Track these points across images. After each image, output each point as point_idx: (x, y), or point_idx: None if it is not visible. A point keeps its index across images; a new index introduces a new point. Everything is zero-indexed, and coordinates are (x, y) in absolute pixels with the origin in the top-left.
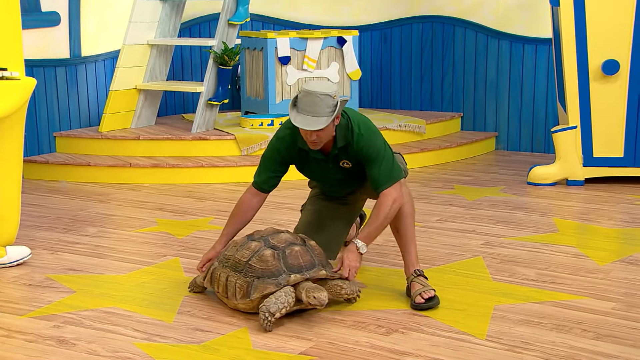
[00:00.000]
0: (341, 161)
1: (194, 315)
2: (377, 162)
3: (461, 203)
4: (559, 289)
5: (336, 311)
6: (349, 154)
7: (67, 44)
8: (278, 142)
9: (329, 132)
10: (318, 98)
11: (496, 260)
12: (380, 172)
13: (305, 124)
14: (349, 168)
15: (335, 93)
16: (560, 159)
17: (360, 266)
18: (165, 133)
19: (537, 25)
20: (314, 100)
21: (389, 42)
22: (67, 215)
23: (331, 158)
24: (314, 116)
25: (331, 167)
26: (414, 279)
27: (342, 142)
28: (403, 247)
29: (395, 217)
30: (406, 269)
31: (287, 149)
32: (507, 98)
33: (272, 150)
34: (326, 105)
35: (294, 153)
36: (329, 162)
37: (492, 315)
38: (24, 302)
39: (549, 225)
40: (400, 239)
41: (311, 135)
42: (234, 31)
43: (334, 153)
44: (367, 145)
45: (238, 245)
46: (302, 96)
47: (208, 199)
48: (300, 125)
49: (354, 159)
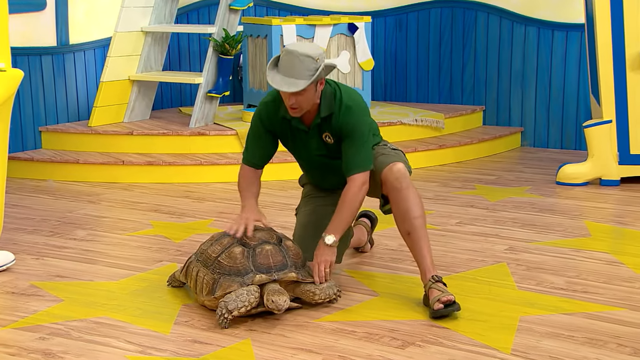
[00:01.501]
0: (324, 134)
1: (192, 325)
2: (356, 143)
3: (483, 204)
4: (592, 299)
5: (346, 321)
6: (332, 126)
7: (53, 30)
8: (261, 107)
9: (310, 98)
10: (298, 59)
11: (521, 267)
12: (357, 155)
13: (281, 84)
14: (331, 144)
15: (319, 56)
16: (593, 157)
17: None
18: (160, 128)
19: (568, 10)
20: (294, 61)
21: (405, 28)
22: (54, 217)
23: (313, 129)
24: (292, 78)
25: (313, 141)
26: (432, 286)
27: (325, 112)
28: (416, 252)
29: (404, 219)
30: (422, 275)
31: (269, 117)
32: (534, 90)
33: (256, 118)
34: (306, 68)
35: (276, 121)
36: (310, 134)
37: (518, 327)
38: (6, 312)
39: (579, 229)
40: (412, 243)
41: (289, 98)
42: (236, 17)
43: (316, 122)
44: (352, 121)
45: (213, 240)
46: (282, 56)
47: (207, 200)
48: (276, 85)
49: (336, 133)
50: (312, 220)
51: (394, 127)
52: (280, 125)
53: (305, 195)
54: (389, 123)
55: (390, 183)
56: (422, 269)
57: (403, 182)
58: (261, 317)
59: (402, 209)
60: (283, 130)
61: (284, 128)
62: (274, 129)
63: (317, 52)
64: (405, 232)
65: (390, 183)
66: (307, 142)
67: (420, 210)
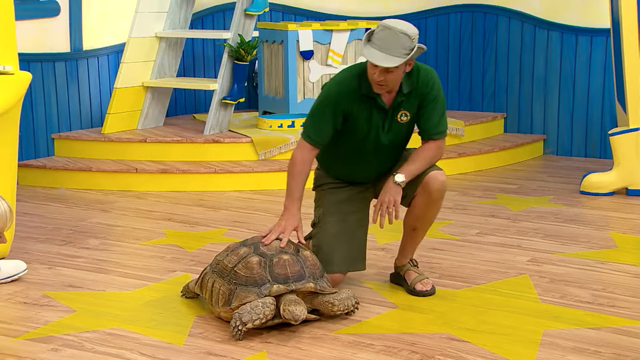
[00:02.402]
0: (400, 112)
1: (207, 337)
2: (439, 108)
3: (504, 214)
4: (618, 313)
5: (364, 334)
6: (411, 99)
7: (67, 36)
8: (338, 86)
9: (399, 76)
10: (396, 36)
11: (545, 280)
12: (442, 120)
13: (377, 59)
14: (403, 124)
15: (415, 35)
16: (619, 166)
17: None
18: (174, 135)
19: (593, 14)
20: (392, 37)
21: (424, 34)
22: (66, 226)
23: (393, 107)
24: (387, 53)
25: (387, 121)
26: (410, 268)
27: (407, 88)
28: (409, 241)
29: (421, 220)
30: (401, 257)
31: (348, 95)
32: (557, 96)
33: (328, 95)
34: (402, 46)
35: (354, 99)
36: (389, 113)
37: (541, 342)
38: (18, 323)
39: (605, 241)
40: (411, 235)
41: (380, 75)
42: (251, 22)
43: (398, 101)
44: (436, 86)
45: (229, 250)
46: (378, 30)
47: (222, 209)
48: (372, 59)
49: (416, 103)
50: (344, 228)
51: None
52: (359, 104)
53: (326, 202)
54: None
55: (430, 190)
56: (404, 254)
57: (442, 193)
58: (277, 329)
59: (425, 214)
60: (360, 109)
61: (362, 107)
62: (349, 108)
63: (413, 31)
64: (412, 227)
65: (431, 191)
66: (383, 122)
67: (435, 218)
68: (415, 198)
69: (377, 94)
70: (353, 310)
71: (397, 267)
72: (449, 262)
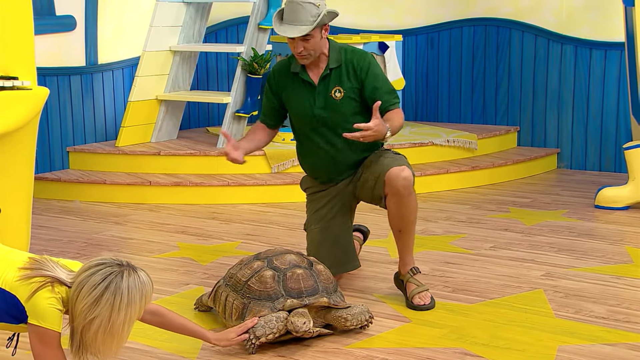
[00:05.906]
0: (334, 89)
1: (220, 351)
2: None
3: (518, 228)
4: (635, 330)
5: (378, 348)
6: (342, 75)
7: (82, 50)
8: (274, 68)
9: (317, 43)
10: (300, 6)
11: (559, 295)
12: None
13: (286, 30)
14: (338, 101)
15: (320, 2)
16: (635, 180)
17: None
18: (188, 148)
19: (607, 28)
20: (297, 8)
21: (437, 47)
22: (81, 239)
23: (322, 81)
24: (296, 24)
25: (320, 98)
26: (410, 279)
27: (334, 64)
28: (402, 245)
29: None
30: (402, 266)
31: (280, 76)
32: (571, 110)
33: (269, 79)
34: (309, 14)
35: (286, 80)
36: (318, 89)
37: (556, 358)
38: None
39: (620, 255)
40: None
41: (297, 46)
42: (265, 36)
43: (325, 74)
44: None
45: (242, 264)
46: (285, 7)
47: (235, 221)
48: (282, 32)
49: (351, 79)
50: (327, 236)
51: (426, 148)
52: (291, 83)
53: (309, 211)
54: (420, 144)
55: (395, 188)
56: (403, 261)
57: (409, 189)
58: (291, 343)
59: (402, 213)
60: (293, 88)
61: (294, 85)
62: (283, 87)
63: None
64: (397, 229)
65: (396, 188)
66: (314, 98)
67: (415, 214)
68: (387, 199)
69: (303, 70)
70: (366, 324)
71: (400, 276)
72: (463, 276)
